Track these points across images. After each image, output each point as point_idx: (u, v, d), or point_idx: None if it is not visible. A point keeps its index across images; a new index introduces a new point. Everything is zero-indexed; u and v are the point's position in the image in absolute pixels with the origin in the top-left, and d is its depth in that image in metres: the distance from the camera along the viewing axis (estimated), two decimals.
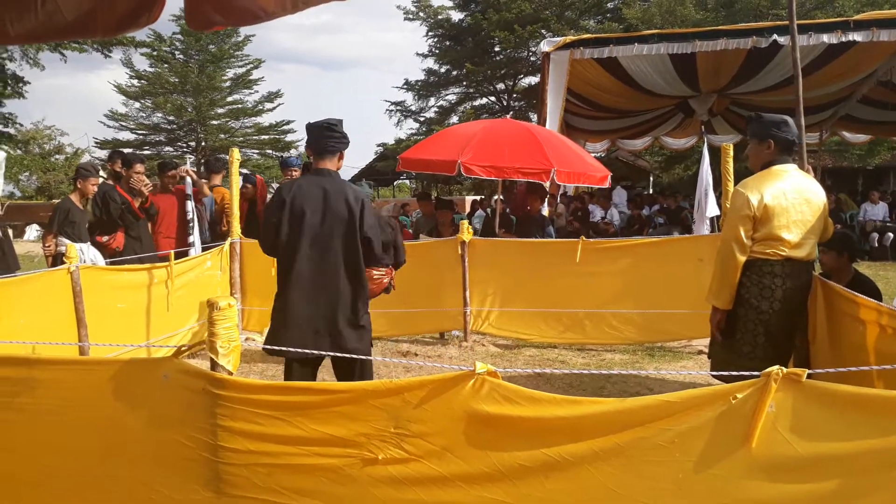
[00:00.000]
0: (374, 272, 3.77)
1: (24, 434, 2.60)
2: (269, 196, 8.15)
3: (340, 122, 3.76)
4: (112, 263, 6.01)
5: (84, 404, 2.58)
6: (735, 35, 12.75)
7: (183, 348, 2.49)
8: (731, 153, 5.95)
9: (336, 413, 2.28)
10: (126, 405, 2.53)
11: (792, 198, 3.60)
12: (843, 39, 12.08)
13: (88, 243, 6.11)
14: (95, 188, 6.33)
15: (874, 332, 3.34)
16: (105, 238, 6.41)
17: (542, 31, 26.38)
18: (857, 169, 26.22)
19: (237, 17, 1.92)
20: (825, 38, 12.16)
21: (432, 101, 32.32)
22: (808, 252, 3.66)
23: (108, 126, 31.60)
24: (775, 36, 12.12)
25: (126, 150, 23.05)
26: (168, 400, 2.46)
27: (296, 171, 7.99)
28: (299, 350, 3.35)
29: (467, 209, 19.20)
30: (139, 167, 6.75)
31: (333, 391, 2.33)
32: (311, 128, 3.77)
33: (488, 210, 12.61)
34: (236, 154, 6.86)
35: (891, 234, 12.90)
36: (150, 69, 30.88)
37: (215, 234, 7.64)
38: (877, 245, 12.98)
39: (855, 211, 14.69)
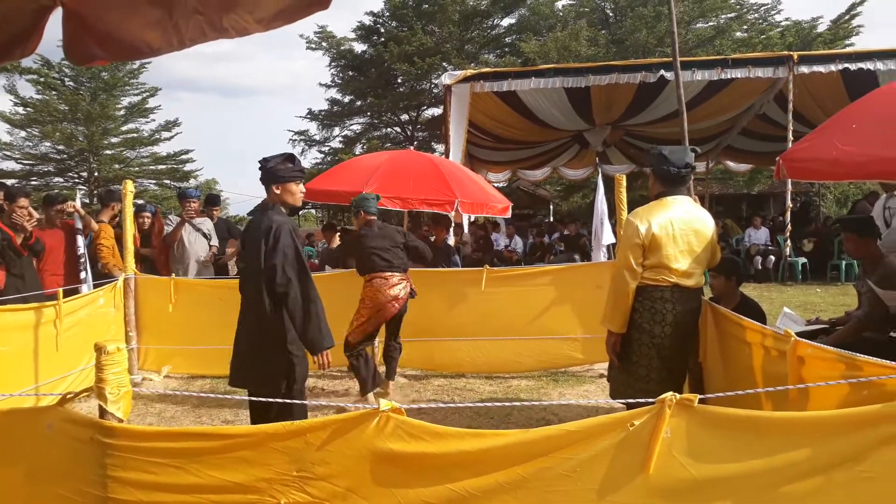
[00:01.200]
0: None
1: None
2: (166, 228, 7.86)
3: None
4: None
5: None
6: (625, 70, 13.44)
7: (69, 395, 2.33)
8: (624, 183, 6.20)
9: (234, 458, 2.20)
10: (5, 459, 2.36)
11: (679, 227, 3.77)
12: (723, 76, 12.92)
13: None
14: None
15: (760, 353, 3.53)
16: None
17: (443, 63, 26.83)
18: (740, 195, 27.89)
19: (120, 52, 1.85)
20: (707, 74, 12.98)
21: (336, 130, 32.19)
22: (696, 280, 3.84)
23: None
24: (662, 71, 12.84)
25: (9, 182, 21.71)
26: (52, 452, 2.31)
27: (194, 202, 7.75)
28: None
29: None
30: (23, 201, 6.34)
31: (231, 435, 2.25)
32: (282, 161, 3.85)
33: None
34: (130, 186, 6.59)
35: (773, 257, 13.72)
36: (38, 96, 29.33)
37: (95, 272, 7.24)
38: (760, 267, 13.77)
39: (740, 235, 15.56)
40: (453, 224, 11.22)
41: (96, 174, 30.01)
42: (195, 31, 1.69)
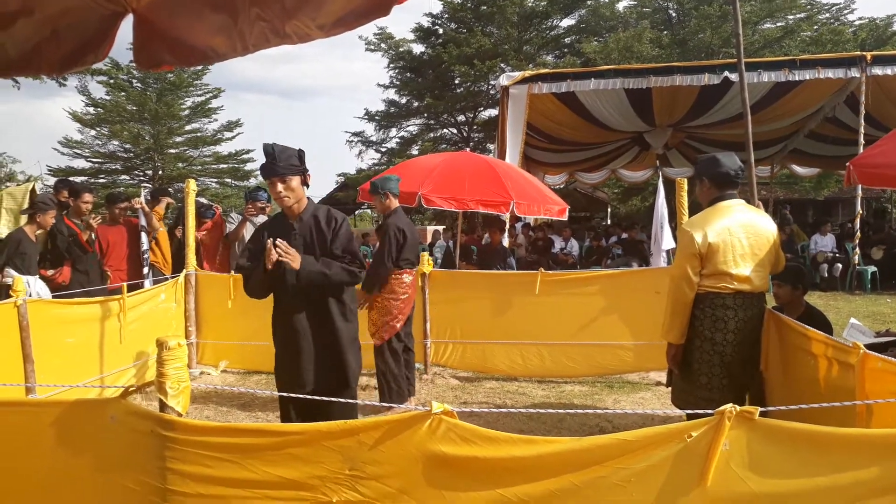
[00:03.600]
0: None
1: None
2: (227, 226, 8.05)
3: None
4: (59, 297, 5.83)
5: (27, 448, 2.49)
6: (688, 72, 13.16)
7: (131, 388, 2.41)
8: (686, 187, 6.07)
9: (288, 455, 2.23)
10: (71, 449, 2.45)
11: (737, 233, 3.68)
12: (790, 78, 12.52)
13: (37, 277, 5.93)
14: (53, 221, 6.16)
15: (825, 365, 3.40)
16: (50, 272, 6.21)
17: (502, 65, 26.77)
18: (807, 200, 27.03)
19: (186, 57, 1.90)
20: (773, 75, 12.61)
21: (393, 131, 32.46)
22: (757, 284, 3.73)
23: (62, 154, 30.92)
24: (726, 73, 12.53)
25: (79, 179, 22.57)
26: (115, 442, 2.38)
27: (261, 203, 7.85)
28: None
29: (429, 239, 19.21)
30: (87, 196, 6.60)
31: (286, 433, 2.28)
32: (300, 153, 3.57)
33: (449, 242, 12.63)
34: (192, 185, 6.78)
35: (839, 265, 13.25)
36: (107, 97, 30.44)
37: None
38: (827, 276, 13.31)
39: (805, 242, 15.08)
40: (507, 226, 11.19)
41: (161, 172, 30.96)
42: (259, 38, 1.72)
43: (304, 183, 3.54)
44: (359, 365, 3.68)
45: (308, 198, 3.63)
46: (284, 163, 3.46)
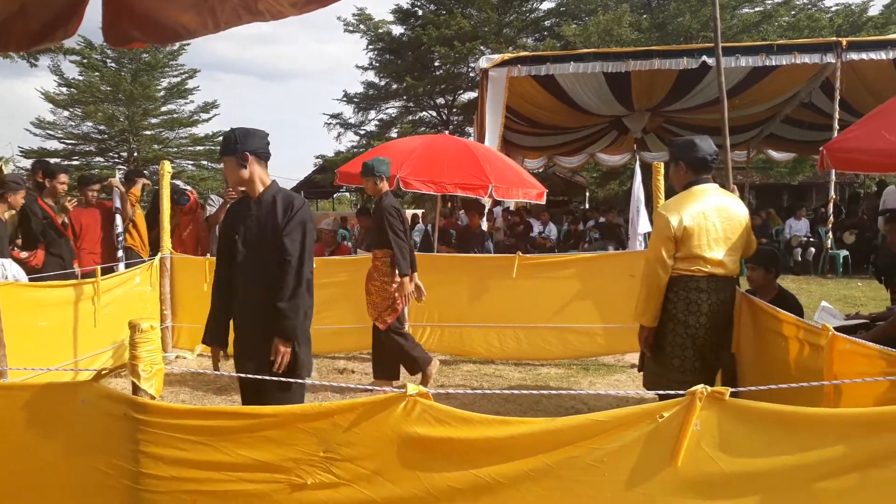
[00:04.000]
0: None
1: None
2: (208, 209, 7.97)
3: None
4: (34, 280, 5.75)
5: None
6: (667, 56, 13.18)
7: (104, 371, 2.38)
8: (662, 171, 6.10)
9: (263, 437, 2.22)
10: (43, 433, 2.43)
11: (711, 217, 3.71)
12: (767, 63, 12.61)
13: (11, 260, 5.83)
14: (23, 201, 6.05)
15: (796, 347, 3.46)
16: (24, 254, 6.11)
17: (482, 47, 26.64)
18: (782, 185, 27.31)
19: (157, 34, 1.87)
20: (750, 60, 12.68)
21: (372, 114, 32.24)
22: (730, 268, 3.78)
23: (35, 135, 30.31)
24: (704, 57, 12.58)
25: (52, 161, 22.19)
26: (87, 426, 2.36)
27: None
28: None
29: (408, 223, 19.15)
30: (63, 177, 6.50)
31: (259, 415, 2.28)
32: (256, 132, 3.43)
33: (428, 226, 12.62)
34: (167, 167, 6.70)
35: (813, 249, 13.43)
36: (80, 77, 29.88)
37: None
38: (800, 259, 13.50)
39: (780, 226, 15.26)
40: (486, 210, 11.20)
41: (136, 154, 30.54)
42: (230, 14, 1.69)
43: (240, 164, 3.35)
44: (309, 359, 3.49)
45: (273, 181, 3.48)
46: (222, 145, 3.42)
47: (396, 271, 5.49)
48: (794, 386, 2.61)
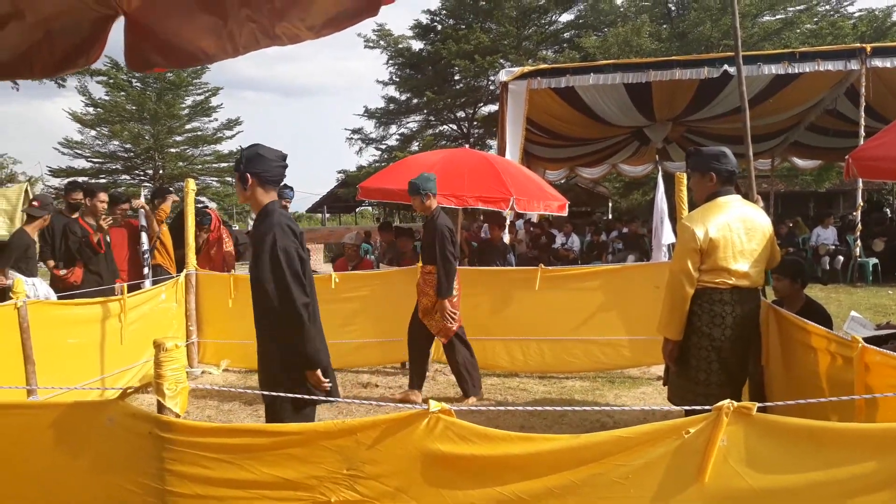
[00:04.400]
0: None
1: None
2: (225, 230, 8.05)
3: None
4: (64, 297, 5.83)
5: (25, 450, 2.49)
6: (687, 65, 13.12)
7: (129, 390, 2.41)
8: (685, 181, 6.05)
9: (286, 455, 2.23)
10: (70, 451, 2.45)
11: (736, 228, 3.67)
12: (790, 70, 12.48)
13: (40, 279, 5.93)
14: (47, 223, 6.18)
15: (825, 359, 3.40)
16: (63, 272, 6.23)
17: (501, 60, 26.73)
18: (808, 193, 26.97)
19: (177, 59, 1.90)
20: (773, 68, 12.56)
21: (393, 128, 32.45)
22: (755, 279, 3.73)
23: (63, 154, 30.98)
24: (725, 66, 12.49)
25: (81, 179, 22.54)
26: (113, 444, 2.38)
27: (286, 202, 7.83)
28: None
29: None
30: (103, 196, 6.59)
31: (283, 433, 2.28)
32: (267, 154, 3.28)
33: None
34: (192, 185, 6.78)
35: (841, 258, 13.23)
36: (107, 97, 30.46)
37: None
38: (828, 268, 13.29)
39: (807, 235, 15.05)
40: (508, 222, 11.18)
41: (161, 172, 30.99)
42: (248, 39, 1.72)
43: (241, 184, 3.25)
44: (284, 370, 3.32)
45: (268, 203, 3.28)
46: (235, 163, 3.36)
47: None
48: (823, 400, 2.57)
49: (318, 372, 3.16)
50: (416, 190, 5.65)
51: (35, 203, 6.19)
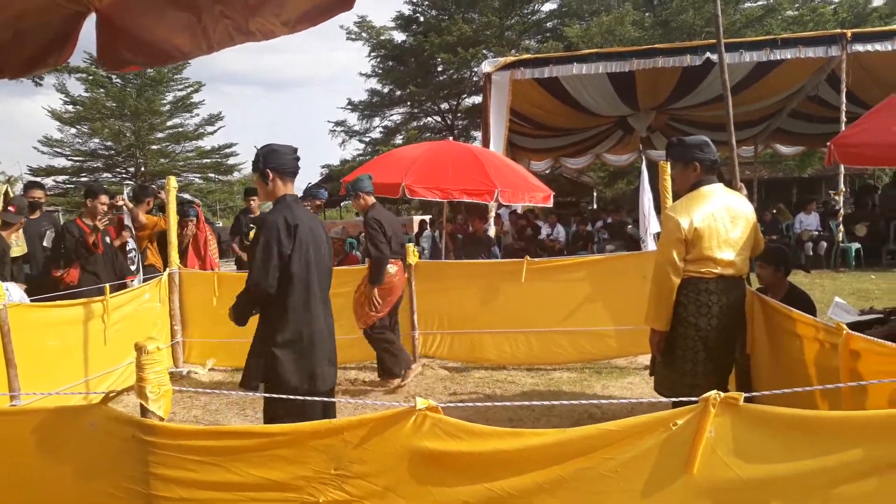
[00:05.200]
0: None
1: None
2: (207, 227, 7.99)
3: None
4: (45, 298, 5.76)
5: (8, 457, 2.46)
6: (670, 53, 13.14)
7: (111, 394, 2.37)
8: (669, 170, 6.05)
9: (273, 456, 2.21)
10: (53, 457, 2.42)
11: (721, 217, 3.67)
12: (772, 57, 12.53)
13: (12, 283, 5.85)
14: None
15: (810, 346, 3.41)
16: (59, 272, 6.18)
17: (484, 51, 26.66)
18: (791, 179, 27.14)
19: (152, 57, 1.87)
20: (755, 55, 12.61)
21: (377, 121, 32.30)
22: (739, 268, 3.74)
23: (43, 153, 30.59)
24: (708, 54, 12.52)
25: (60, 178, 22.22)
26: (97, 449, 2.35)
27: (320, 201, 7.83)
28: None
29: (415, 229, 19.18)
30: (103, 198, 6.51)
31: (269, 434, 2.26)
32: (280, 149, 3.58)
33: (436, 233, 12.62)
34: (173, 182, 6.71)
35: (824, 243, 13.33)
36: (86, 94, 30.10)
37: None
38: (811, 254, 13.39)
39: (790, 221, 15.14)
40: (493, 214, 11.16)
41: (143, 169, 30.71)
42: (223, 35, 1.69)
43: (262, 180, 3.57)
44: (258, 371, 3.51)
45: (282, 196, 3.55)
46: (252, 164, 3.66)
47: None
48: (810, 389, 2.57)
49: None
50: (348, 192, 6.03)
51: (11, 208, 6.10)
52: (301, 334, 3.45)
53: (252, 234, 7.99)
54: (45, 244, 6.66)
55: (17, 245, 6.34)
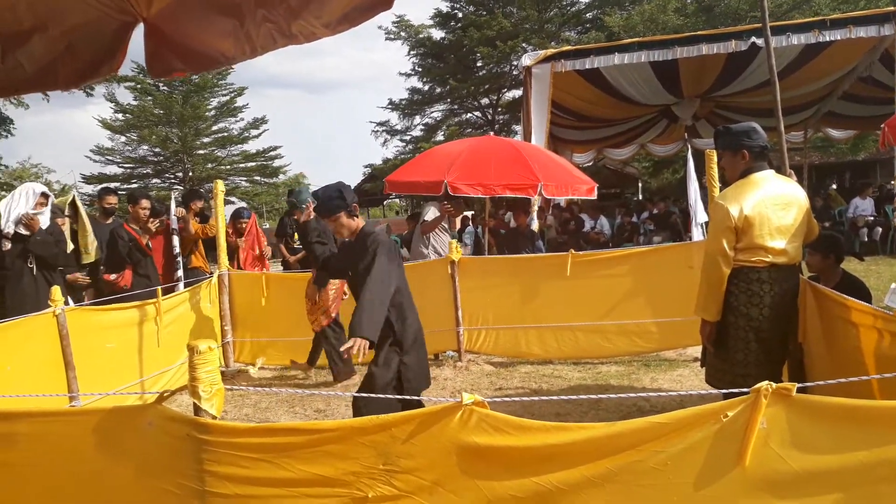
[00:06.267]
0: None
1: (6, 491, 2.55)
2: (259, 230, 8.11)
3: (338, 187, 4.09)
4: (105, 302, 5.94)
5: (68, 457, 2.54)
6: (714, 39, 12.85)
7: (166, 393, 2.44)
8: (715, 159, 5.94)
9: (323, 452, 2.24)
10: (111, 455, 2.49)
11: (772, 204, 3.59)
12: (820, 39, 12.16)
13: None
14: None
15: (866, 335, 3.32)
16: (113, 276, 6.37)
17: (524, 44, 26.48)
18: (843, 163, 26.34)
19: (198, 63, 1.91)
20: (802, 38, 12.26)
21: (417, 119, 32.37)
22: (792, 256, 3.65)
23: (95, 161, 31.42)
24: (753, 38, 12.21)
25: (112, 185, 22.91)
26: (153, 447, 2.41)
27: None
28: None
29: (458, 225, 19.15)
30: (145, 202, 6.70)
31: (319, 430, 2.29)
32: (321, 194, 4.09)
33: (478, 228, 12.61)
34: (220, 185, 6.84)
35: (879, 229, 12.92)
36: (135, 102, 30.84)
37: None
38: (867, 240, 12.99)
39: (843, 207, 14.71)
40: (536, 208, 11.09)
41: (191, 174, 31.32)
42: (266, 39, 1.73)
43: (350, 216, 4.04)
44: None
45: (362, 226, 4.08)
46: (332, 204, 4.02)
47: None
48: (866, 378, 2.50)
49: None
50: (294, 206, 6.70)
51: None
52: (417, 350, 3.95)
53: (297, 235, 8.16)
54: None
55: (87, 252, 6.58)
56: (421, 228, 7.79)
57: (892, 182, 13.02)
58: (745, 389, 2.06)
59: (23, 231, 5.62)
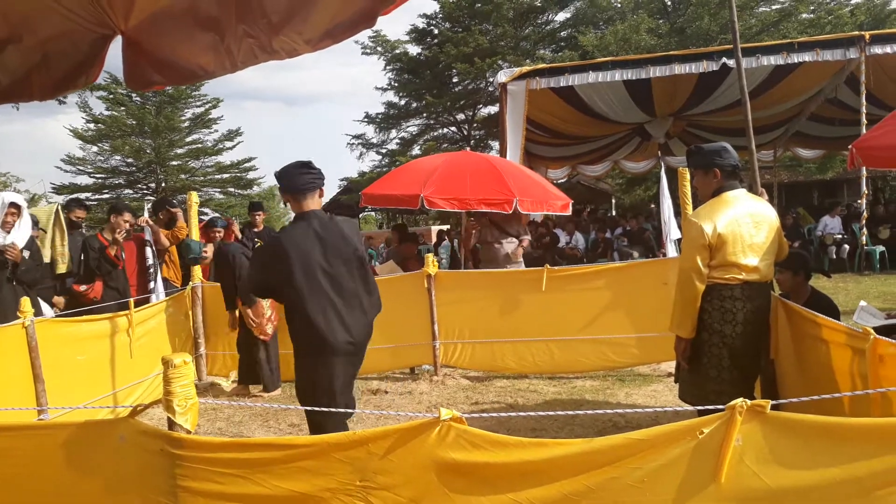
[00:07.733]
0: None
1: None
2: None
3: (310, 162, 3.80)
4: (76, 313, 5.83)
5: (38, 471, 2.48)
6: (686, 60, 13.09)
7: (139, 407, 2.40)
8: (688, 176, 6.02)
9: (298, 468, 2.21)
10: (81, 471, 2.44)
11: (744, 223, 3.65)
12: (789, 61, 12.44)
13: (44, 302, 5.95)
14: None
15: (836, 352, 3.37)
16: (83, 287, 6.24)
17: (500, 62, 26.70)
18: (812, 182, 26.85)
19: (176, 76, 1.90)
20: (772, 59, 12.53)
21: (393, 133, 32.42)
22: (764, 274, 3.71)
23: (65, 171, 31.00)
24: (724, 59, 12.46)
25: (83, 195, 22.58)
26: (126, 462, 2.37)
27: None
28: None
29: (433, 239, 19.18)
30: (127, 215, 6.57)
31: (294, 445, 2.27)
32: (284, 172, 3.72)
33: (454, 242, 12.63)
34: (194, 197, 6.79)
35: (847, 247, 13.18)
36: (107, 112, 30.51)
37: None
38: (835, 258, 13.24)
39: (812, 225, 14.99)
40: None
41: (164, 185, 31.02)
42: (247, 54, 1.72)
43: (284, 204, 3.91)
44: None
45: (299, 213, 3.76)
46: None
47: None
48: (837, 396, 2.54)
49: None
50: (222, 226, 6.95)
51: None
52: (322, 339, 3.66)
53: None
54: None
55: (62, 262, 6.46)
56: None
57: (860, 201, 13.28)
58: (720, 406, 2.07)
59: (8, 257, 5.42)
